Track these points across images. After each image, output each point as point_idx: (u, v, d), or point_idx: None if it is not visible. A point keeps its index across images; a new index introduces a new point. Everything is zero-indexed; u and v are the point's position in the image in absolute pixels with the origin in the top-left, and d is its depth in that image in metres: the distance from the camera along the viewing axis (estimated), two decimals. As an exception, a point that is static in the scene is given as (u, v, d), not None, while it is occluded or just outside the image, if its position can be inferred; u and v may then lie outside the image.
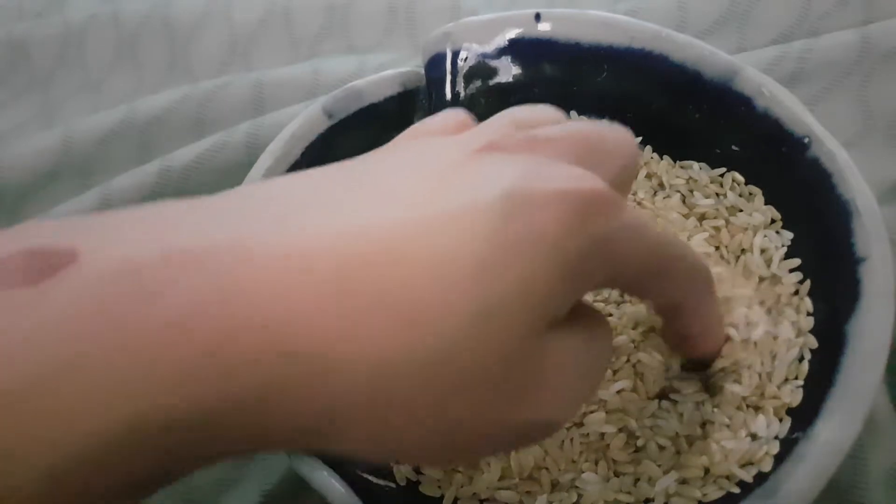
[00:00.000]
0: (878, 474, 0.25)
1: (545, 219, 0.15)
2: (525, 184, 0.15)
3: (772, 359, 0.24)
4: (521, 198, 0.15)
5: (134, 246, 0.13)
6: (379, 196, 0.16)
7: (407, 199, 0.16)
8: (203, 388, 0.13)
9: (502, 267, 0.15)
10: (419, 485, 0.25)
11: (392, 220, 0.15)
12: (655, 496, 0.23)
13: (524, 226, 0.15)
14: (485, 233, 0.15)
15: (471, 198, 0.15)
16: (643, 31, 0.30)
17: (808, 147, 0.26)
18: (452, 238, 0.15)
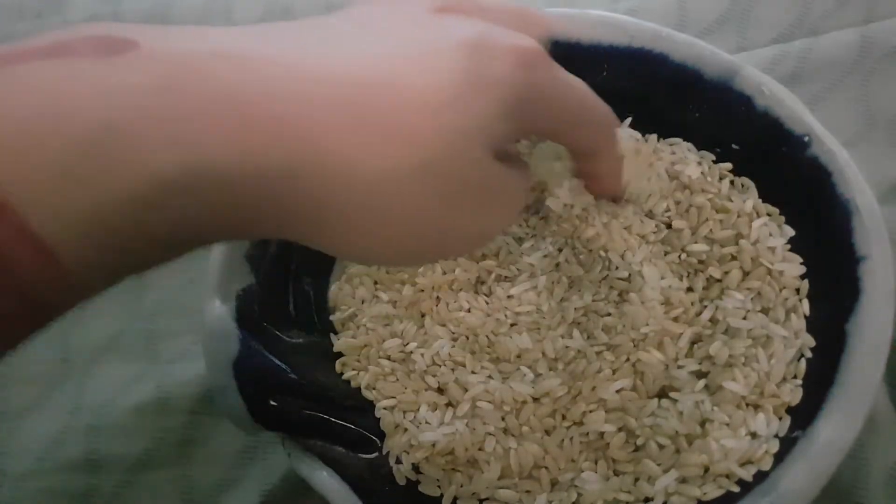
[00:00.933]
0: (878, 474, 0.25)
1: (501, 66, 0.18)
2: (484, 38, 0.19)
3: (770, 357, 0.24)
4: (483, 48, 0.18)
5: (187, 43, 0.16)
6: (373, 35, 0.19)
7: (394, 39, 0.19)
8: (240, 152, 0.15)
9: (470, 100, 0.18)
10: (419, 484, 0.25)
11: (387, 54, 0.18)
12: (655, 495, 0.23)
13: (486, 70, 0.18)
14: (456, 71, 0.18)
15: (445, 43, 0.18)
16: (643, 30, 0.30)
17: (809, 146, 0.26)
18: (433, 73, 0.18)
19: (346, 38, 0.18)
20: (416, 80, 0.17)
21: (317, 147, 0.16)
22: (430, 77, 0.18)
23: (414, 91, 0.17)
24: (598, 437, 0.24)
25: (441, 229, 0.19)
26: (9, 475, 0.31)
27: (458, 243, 0.20)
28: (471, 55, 0.18)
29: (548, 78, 0.20)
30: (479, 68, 0.18)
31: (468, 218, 0.19)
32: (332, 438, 0.25)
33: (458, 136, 0.18)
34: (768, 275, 0.26)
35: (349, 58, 0.18)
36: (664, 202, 0.28)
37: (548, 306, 0.27)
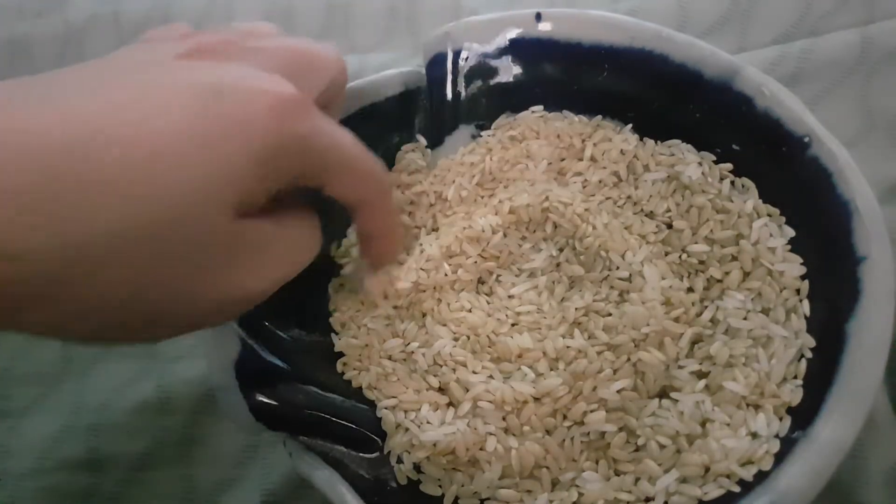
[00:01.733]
0: (878, 474, 0.25)
1: (244, 113, 0.17)
2: (226, 83, 0.17)
3: (770, 357, 0.24)
4: (223, 93, 0.17)
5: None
6: (77, 88, 0.16)
7: (104, 91, 0.16)
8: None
9: (196, 154, 0.16)
10: (420, 484, 0.25)
11: (83, 108, 0.15)
12: (656, 495, 0.23)
13: (222, 118, 0.16)
14: (185, 119, 0.16)
15: (173, 90, 0.17)
16: (644, 30, 0.30)
17: (809, 146, 0.26)
18: (141, 126, 0.16)
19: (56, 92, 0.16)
20: (129, 133, 0.15)
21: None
22: (142, 131, 0.16)
23: (125, 147, 0.15)
24: (599, 437, 0.24)
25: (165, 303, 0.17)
26: (9, 475, 0.31)
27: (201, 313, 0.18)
28: (208, 101, 0.17)
29: (304, 125, 0.18)
30: (215, 116, 0.16)
31: (205, 285, 0.17)
32: (333, 438, 0.25)
33: (174, 198, 0.16)
34: (769, 275, 0.26)
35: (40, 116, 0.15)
36: (664, 202, 0.28)
37: (548, 306, 0.27)
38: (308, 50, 0.21)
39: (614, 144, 0.30)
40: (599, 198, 0.29)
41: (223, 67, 0.18)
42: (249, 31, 0.22)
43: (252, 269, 0.18)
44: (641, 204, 0.29)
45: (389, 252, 0.27)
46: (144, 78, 0.17)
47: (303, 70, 0.20)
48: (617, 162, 0.30)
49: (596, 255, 0.27)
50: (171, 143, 0.16)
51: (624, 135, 0.30)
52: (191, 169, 0.16)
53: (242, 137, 0.17)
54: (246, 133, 0.17)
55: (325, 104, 0.21)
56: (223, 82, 0.17)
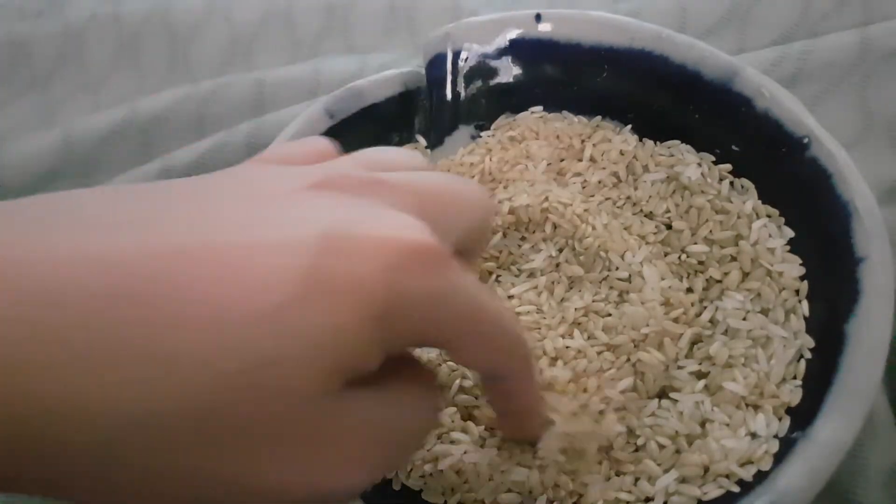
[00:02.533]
0: (878, 474, 0.25)
1: (357, 266, 0.14)
2: (343, 227, 0.14)
3: (769, 358, 0.24)
4: (342, 241, 0.14)
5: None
6: (174, 218, 0.14)
7: (209, 225, 0.14)
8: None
9: (296, 315, 0.13)
10: (421, 492, 0.24)
11: (174, 248, 0.13)
12: (655, 495, 0.23)
13: (331, 272, 0.14)
14: (282, 275, 0.13)
15: (278, 234, 0.14)
16: (643, 31, 0.30)
17: (808, 147, 0.26)
18: (243, 277, 0.13)
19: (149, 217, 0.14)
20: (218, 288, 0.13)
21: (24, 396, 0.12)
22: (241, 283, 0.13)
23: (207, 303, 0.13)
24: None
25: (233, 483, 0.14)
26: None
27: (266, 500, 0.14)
28: (319, 251, 0.14)
29: (433, 283, 0.15)
30: (324, 269, 0.14)
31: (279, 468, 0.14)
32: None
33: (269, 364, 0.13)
34: (768, 276, 0.26)
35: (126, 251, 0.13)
36: (664, 203, 0.29)
37: (548, 306, 0.27)
38: (450, 187, 0.18)
39: (614, 145, 0.30)
40: (599, 198, 0.29)
41: (348, 205, 0.15)
42: (391, 159, 0.19)
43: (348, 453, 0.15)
44: (641, 205, 0.29)
45: (534, 430, 0.22)
46: (251, 213, 0.15)
47: (444, 211, 0.17)
48: (616, 162, 0.30)
49: (595, 256, 0.27)
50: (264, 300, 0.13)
51: (623, 135, 0.30)
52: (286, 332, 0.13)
53: (356, 294, 0.14)
54: (360, 289, 0.14)
55: (466, 250, 0.18)
56: (342, 225, 0.14)
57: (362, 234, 0.14)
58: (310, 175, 0.16)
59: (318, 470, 0.14)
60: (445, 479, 0.24)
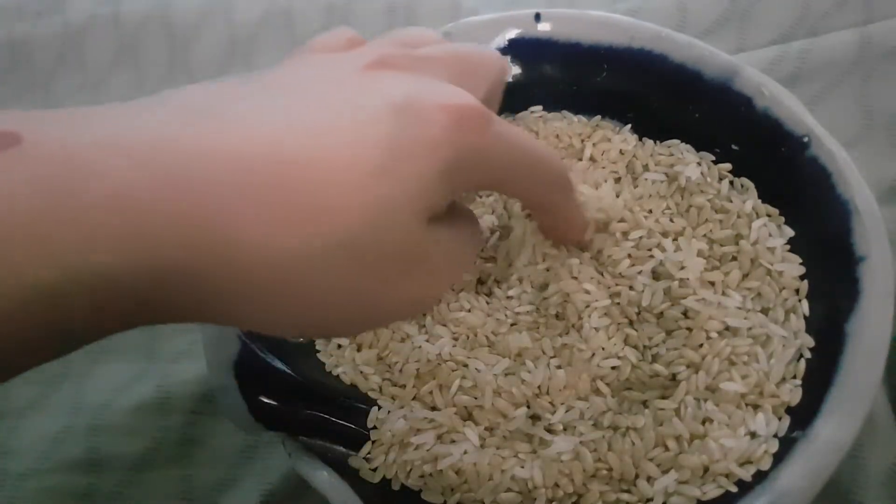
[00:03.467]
0: (877, 474, 0.25)
1: (430, 130, 0.18)
2: (413, 99, 0.18)
3: (769, 357, 0.24)
4: (411, 110, 0.18)
5: (72, 132, 0.15)
6: (288, 104, 0.18)
7: (313, 106, 0.18)
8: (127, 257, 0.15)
9: (394, 171, 0.17)
10: (421, 493, 0.24)
11: (306, 125, 0.17)
12: (655, 495, 0.23)
13: (412, 135, 0.17)
14: (380, 139, 0.17)
15: (368, 107, 0.18)
16: (643, 30, 0.30)
17: (808, 146, 0.26)
18: (355, 143, 0.17)
19: (261, 108, 0.17)
20: (336, 152, 0.17)
21: (219, 236, 0.15)
22: (351, 148, 0.17)
23: (332, 165, 0.17)
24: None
25: (370, 302, 0.18)
26: (9, 475, 0.31)
27: (394, 312, 0.19)
28: (397, 120, 0.17)
29: (486, 136, 0.19)
30: (407, 133, 0.17)
31: (401, 287, 0.18)
32: (333, 438, 0.25)
33: (383, 210, 0.17)
34: (768, 275, 0.26)
35: (261, 131, 0.17)
36: (663, 202, 0.28)
37: (545, 307, 0.27)
38: (472, 54, 0.22)
39: (613, 144, 0.30)
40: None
41: (406, 80, 0.19)
42: (414, 37, 0.22)
43: (440, 269, 0.19)
44: (641, 203, 0.29)
45: (577, 237, 0.27)
46: (339, 94, 0.18)
47: (471, 74, 0.21)
48: (616, 162, 0.30)
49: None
50: (376, 161, 0.17)
51: (623, 135, 0.30)
52: (392, 184, 0.17)
53: (433, 152, 0.18)
54: (436, 148, 0.18)
55: (489, 101, 0.22)
56: (410, 97, 0.18)
57: (426, 104, 0.18)
58: (364, 57, 0.20)
59: (426, 283, 0.19)
60: (445, 479, 0.24)
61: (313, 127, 0.17)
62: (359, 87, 0.19)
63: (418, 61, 0.20)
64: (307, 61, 0.21)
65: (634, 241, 0.27)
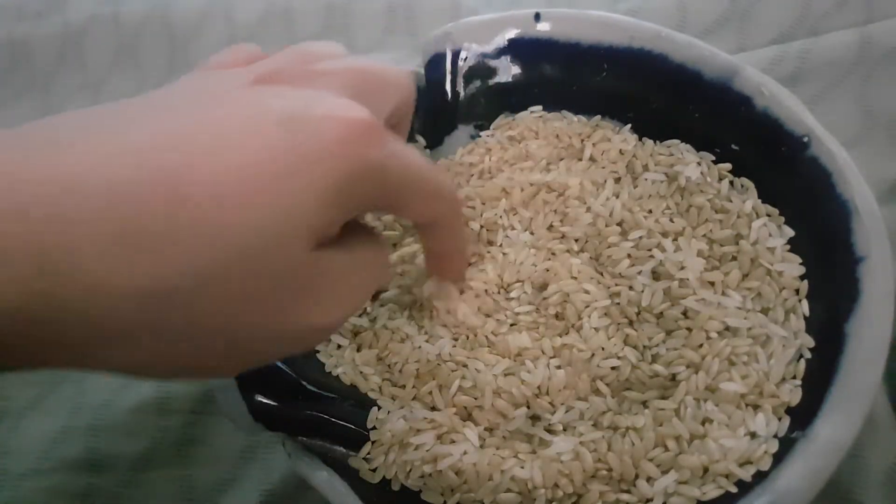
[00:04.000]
0: (877, 474, 0.25)
1: (319, 143, 0.16)
2: (299, 111, 0.17)
3: (769, 357, 0.24)
4: (297, 123, 0.16)
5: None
6: (154, 120, 0.16)
7: (180, 122, 0.16)
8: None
9: (272, 189, 0.15)
10: (420, 493, 0.24)
11: (163, 142, 0.15)
12: (655, 496, 0.23)
13: (296, 150, 0.16)
14: (256, 156, 0.16)
15: (252, 120, 0.16)
16: (643, 30, 0.30)
17: (808, 146, 0.26)
18: (223, 160, 0.15)
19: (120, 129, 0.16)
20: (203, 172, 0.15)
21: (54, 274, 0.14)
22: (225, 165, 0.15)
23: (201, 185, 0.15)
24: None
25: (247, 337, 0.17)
26: (9, 475, 0.31)
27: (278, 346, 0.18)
28: (280, 134, 0.16)
29: (378, 152, 0.18)
30: (290, 148, 0.16)
31: (286, 318, 0.17)
32: (333, 438, 0.25)
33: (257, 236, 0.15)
34: (768, 275, 0.26)
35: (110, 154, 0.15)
36: (663, 202, 0.28)
37: (545, 307, 0.27)
38: (375, 70, 0.20)
39: (613, 144, 0.30)
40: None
41: (294, 94, 0.18)
42: (316, 52, 0.21)
43: (331, 298, 0.18)
44: (641, 202, 0.29)
45: (460, 270, 0.26)
46: (215, 109, 0.17)
47: (372, 92, 0.20)
48: (616, 162, 0.30)
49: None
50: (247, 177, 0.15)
51: (623, 135, 0.30)
52: (269, 204, 0.15)
53: (319, 167, 0.16)
54: (322, 163, 0.16)
55: (394, 124, 0.21)
56: (296, 110, 0.17)
57: (317, 114, 0.17)
58: (250, 73, 0.19)
59: (314, 311, 0.17)
60: (445, 479, 0.24)
61: (186, 145, 0.15)
62: (242, 101, 0.17)
63: (314, 75, 0.19)
64: (195, 78, 0.19)
65: (634, 241, 0.27)
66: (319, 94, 0.18)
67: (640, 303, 0.26)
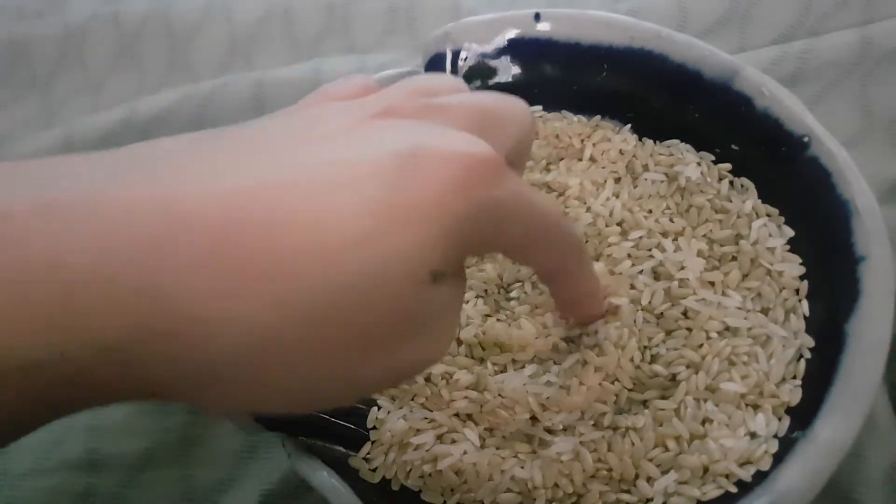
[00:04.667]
0: (878, 473, 0.25)
1: (438, 181, 0.16)
2: (419, 148, 0.16)
3: (769, 357, 0.24)
4: (416, 159, 0.16)
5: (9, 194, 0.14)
6: (266, 158, 0.16)
7: (294, 161, 0.16)
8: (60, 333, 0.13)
9: (386, 233, 0.15)
10: (420, 493, 0.24)
11: (277, 182, 0.15)
12: (655, 496, 0.23)
13: (416, 187, 0.15)
14: (375, 194, 0.15)
15: (366, 159, 0.16)
16: (643, 30, 0.30)
17: (808, 146, 0.26)
18: (336, 202, 0.15)
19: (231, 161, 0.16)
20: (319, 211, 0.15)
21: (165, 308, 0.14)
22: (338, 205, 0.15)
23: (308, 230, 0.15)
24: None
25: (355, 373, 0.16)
26: (9, 475, 0.31)
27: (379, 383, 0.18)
28: (399, 171, 0.15)
29: (500, 191, 0.17)
30: (409, 185, 0.15)
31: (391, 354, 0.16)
32: (333, 438, 0.25)
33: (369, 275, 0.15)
34: (768, 275, 0.26)
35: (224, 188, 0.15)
36: (663, 202, 0.28)
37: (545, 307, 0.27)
38: (495, 104, 0.20)
39: (613, 144, 0.30)
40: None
41: (413, 129, 0.17)
42: (431, 87, 0.20)
43: (443, 329, 0.18)
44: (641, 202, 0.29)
45: (597, 312, 0.25)
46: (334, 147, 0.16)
47: (493, 127, 0.19)
48: (616, 162, 0.30)
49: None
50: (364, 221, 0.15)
51: (623, 135, 0.30)
52: (387, 247, 0.15)
53: (439, 207, 0.16)
54: (442, 201, 0.16)
55: (512, 161, 0.20)
56: (415, 146, 0.16)
57: (432, 153, 0.16)
58: (370, 106, 0.18)
59: (421, 346, 0.17)
60: (445, 479, 0.24)
61: (296, 183, 0.15)
62: (354, 137, 0.17)
63: (432, 110, 0.18)
64: (305, 110, 0.19)
65: (634, 241, 0.27)
66: (439, 130, 0.17)
67: (640, 302, 0.26)
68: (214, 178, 0.15)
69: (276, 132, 0.17)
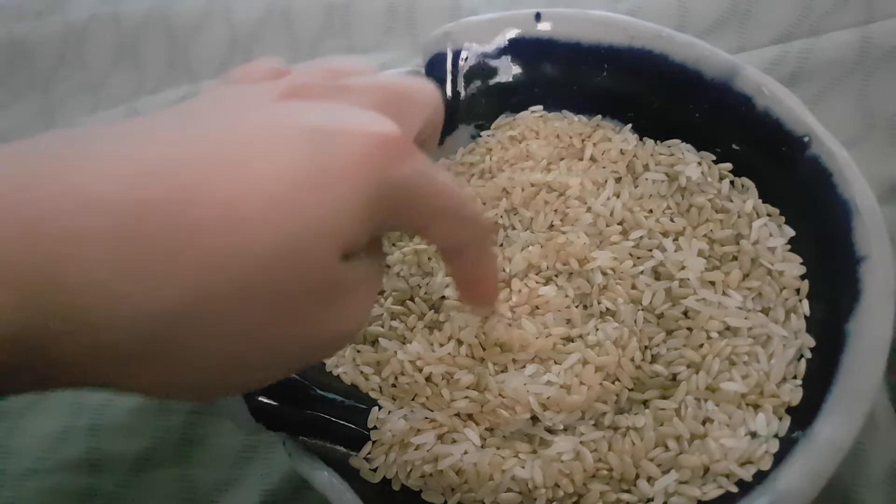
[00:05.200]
0: (878, 473, 0.25)
1: (348, 157, 0.16)
2: (329, 124, 0.16)
3: (770, 357, 0.24)
4: (325, 137, 0.16)
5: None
6: (174, 136, 0.16)
7: (204, 137, 0.16)
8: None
9: (299, 205, 0.15)
10: (421, 493, 0.24)
11: (185, 158, 0.15)
12: (655, 495, 0.23)
13: (326, 164, 0.16)
14: (285, 170, 0.15)
15: (279, 134, 0.16)
16: (643, 30, 0.30)
17: (808, 146, 0.26)
18: (248, 173, 0.15)
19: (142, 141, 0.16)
20: (221, 190, 0.15)
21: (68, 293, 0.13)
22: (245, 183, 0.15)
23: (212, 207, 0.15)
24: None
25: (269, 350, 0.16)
26: (9, 475, 0.31)
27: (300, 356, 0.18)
28: (310, 147, 0.16)
29: (406, 168, 0.17)
30: (319, 162, 0.16)
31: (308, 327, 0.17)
32: (333, 438, 0.25)
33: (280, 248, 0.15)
34: (768, 275, 0.26)
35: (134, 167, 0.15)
36: (664, 202, 0.28)
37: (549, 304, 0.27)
38: (405, 86, 0.20)
39: (614, 144, 0.30)
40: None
41: (323, 107, 0.17)
42: (343, 67, 0.20)
43: (356, 305, 0.18)
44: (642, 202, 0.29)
45: (491, 296, 0.25)
46: (243, 122, 0.17)
47: (400, 107, 0.19)
48: (616, 162, 0.30)
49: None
50: (278, 190, 0.15)
51: (623, 134, 0.30)
52: (300, 216, 0.15)
53: (346, 182, 0.16)
54: (350, 177, 0.16)
55: (422, 142, 0.20)
56: (324, 124, 0.16)
57: (341, 130, 0.16)
58: (277, 87, 0.18)
59: (339, 318, 0.17)
60: (445, 479, 0.24)
61: (206, 160, 0.15)
62: (269, 116, 0.17)
63: (341, 90, 0.19)
64: (218, 91, 0.19)
65: (635, 240, 0.27)
66: (348, 109, 0.18)
67: (640, 302, 0.26)
68: (119, 157, 0.15)
69: (188, 113, 0.18)
